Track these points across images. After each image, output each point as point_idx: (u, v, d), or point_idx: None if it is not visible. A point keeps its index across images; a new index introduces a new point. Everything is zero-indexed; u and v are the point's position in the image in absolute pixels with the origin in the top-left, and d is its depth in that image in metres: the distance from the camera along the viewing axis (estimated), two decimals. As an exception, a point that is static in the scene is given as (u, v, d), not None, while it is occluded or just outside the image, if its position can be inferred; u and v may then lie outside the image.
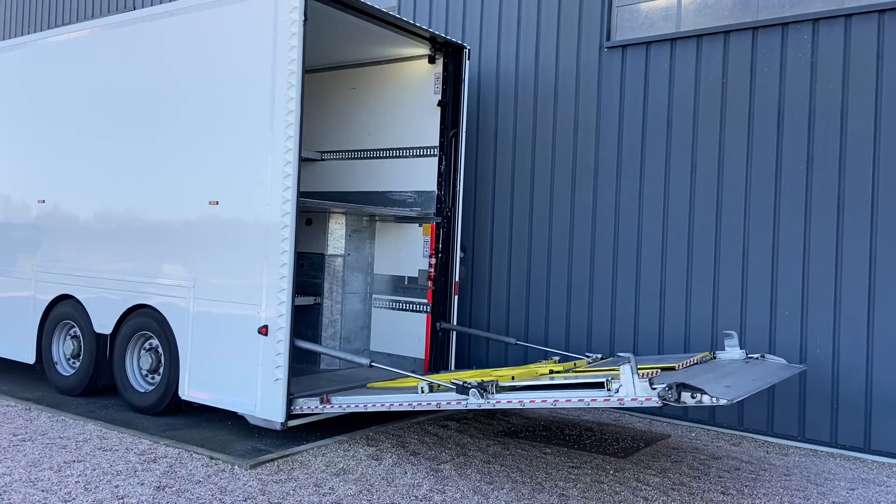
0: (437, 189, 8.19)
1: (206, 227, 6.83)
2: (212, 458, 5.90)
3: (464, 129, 8.21)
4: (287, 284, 6.23)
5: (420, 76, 8.36)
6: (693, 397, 4.64)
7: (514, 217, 9.10)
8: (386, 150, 8.65)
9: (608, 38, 8.52)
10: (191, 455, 5.95)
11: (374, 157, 8.76)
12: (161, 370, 7.18)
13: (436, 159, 8.21)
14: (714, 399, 4.60)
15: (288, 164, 6.23)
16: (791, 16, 7.39)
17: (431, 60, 8.21)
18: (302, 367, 7.82)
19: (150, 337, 7.32)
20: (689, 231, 7.90)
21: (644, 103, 8.20)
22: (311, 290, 8.25)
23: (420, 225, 8.29)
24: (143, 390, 7.33)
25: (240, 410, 6.50)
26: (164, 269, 7.13)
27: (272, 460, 5.89)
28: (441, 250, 8.14)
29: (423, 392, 5.83)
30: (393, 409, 5.94)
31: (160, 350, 7.19)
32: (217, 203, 6.75)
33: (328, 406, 6.21)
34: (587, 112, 8.60)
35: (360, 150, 8.85)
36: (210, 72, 6.88)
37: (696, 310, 7.84)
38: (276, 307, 6.26)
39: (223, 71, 6.77)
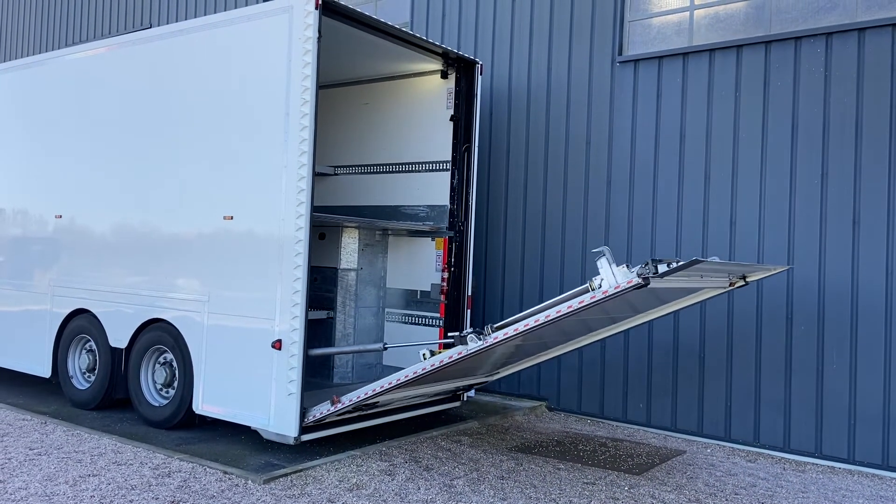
0: (450, 203, 8.20)
1: (221, 241, 6.87)
2: (225, 472, 5.91)
3: (476, 144, 8.24)
4: (300, 299, 6.25)
5: (432, 91, 8.40)
6: (668, 265, 4.87)
7: (527, 231, 9.10)
8: (399, 164, 8.69)
9: (620, 53, 8.54)
10: (205, 469, 5.96)
11: (386, 172, 8.79)
12: (175, 384, 7.22)
13: (448, 174, 8.23)
14: (686, 259, 4.84)
15: (302, 179, 6.27)
16: (804, 30, 7.39)
17: (444, 75, 8.25)
18: (315, 381, 7.82)
19: (165, 351, 7.36)
20: (702, 244, 7.88)
21: (657, 117, 8.21)
22: (324, 304, 8.28)
23: (433, 239, 8.30)
24: (157, 404, 7.36)
25: (253, 425, 6.52)
26: (178, 283, 7.17)
27: (285, 475, 5.89)
28: (453, 264, 8.15)
29: (424, 358, 5.92)
30: (401, 383, 5.99)
31: (174, 364, 7.23)
32: (231, 218, 6.79)
33: (339, 405, 6.23)
34: (599, 126, 8.61)
35: (373, 165, 8.90)
36: (225, 88, 6.95)
37: (710, 319, 7.80)
38: (290, 321, 6.28)
39: (238, 87, 6.84)
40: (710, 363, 7.77)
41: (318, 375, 8.04)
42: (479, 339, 5.60)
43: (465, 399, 8.17)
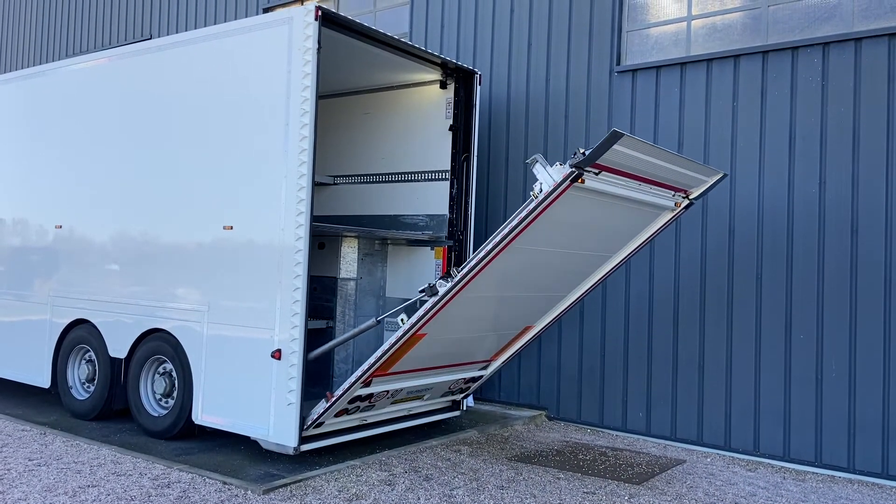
0: (449, 212, 8.22)
1: (221, 251, 6.89)
2: (225, 483, 5.90)
3: (475, 153, 8.26)
4: (300, 308, 6.26)
5: (432, 101, 8.43)
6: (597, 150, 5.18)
7: (526, 240, 9.11)
8: (398, 174, 8.71)
9: (618, 63, 8.58)
10: (204, 480, 5.95)
11: (386, 182, 8.82)
12: (175, 394, 7.21)
13: (447, 183, 8.25)
14: (612, 140, 5.12)
15: (301, 189, 6.29)
16: (801, 40, 7.43)
17: (443, 86, 8.29)
18: (315, 391, 7.81)
19: (165, 361, 7.36)
20: (701, 253, 7.89)
21: (655, 127, 8.24)
22: (323, 313, 8.28)
23: (432, 248, 8.31)
24: (156, 414, 7.35)
25: (253, 435, 6.51)
26: (178, 293, 7.18)
27: (285, 485, 5.88)
28: (453, 274, 8.15)
29: (403, 322, 6.01)
30: (388, 354, 6.05)
31: (174, 374, 7.23)
32: (231, 228, 6.81)
33: (333, 399, 6.26)
34: (598, 136, 8.63)
35: (373, 175, 8.92)
36: (225, 99, 6.97)
37: (710, 326, 7.81)
38: (290, 331, 6.29)
39: (238, 98, 6.87)
40: (709, 372, 7.77)
41: (318, 385, 8.02)
42: (448, 281, 5.76)
43: (464, 408, 8.17)
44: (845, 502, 6.22)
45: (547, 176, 5.38)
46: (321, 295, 8.31)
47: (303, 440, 6.32)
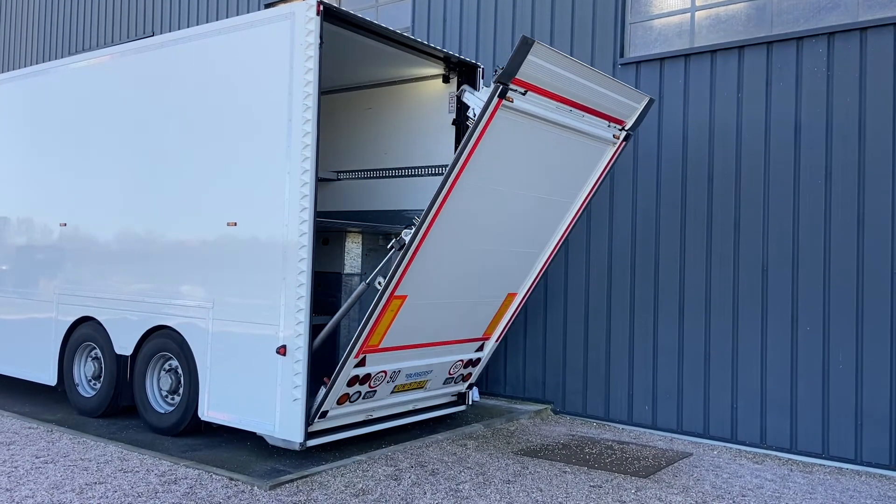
0: (453, 207, 8.20)
1: (225, 248, 6.89)
2: (231, 479, 5.91)
3: (479, 148, 8.23)
4: (305, 304, 6.26)
5: (435, 95, 8.41)
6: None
7: (531, 234, 9.09)
8: (401, 168, 8.70)
9: (622, 55, 8.54)
10: (211, 476, 5.96)
11: (389, 177, 8.80)
12: (181, 391, 7.23)
13: (451, 178, 8.23)
14: (525, 48, 5.36)
15: (305, 185, 6.29)
16: (806, 30, 7.38)
17: (446, 80, 8.26)
18: (319, 387, 7.82)
19: (170, 358, 7.37)
20: (707, 249, 7.87)
21: (659, 119, 8.20)
22: (328, 309, 8.27)
23: (436, 243, 8.30)
24: (163, 411, 7.37)
25: (259, 431, 6.52)
26: (183, 290, 7.19)
27: (291, 481, 5.89)
28: (457, 268, 8.14)
29: (381, 285, 6.12)
30: (374, 319, 6.14)
31: (180, 371, 7.24)
32: (235, 224, 6.81)
33: (331, 381, 6.30)
34: (602, 128, 8.60)
35: (376, 170, 8.91)
36: (227, 95, 6.96)
37: (715, 321, 7.79)
38: (294, 327, 6.29)
39: (240, 94, 6.86)
40: (715, 365, 7.76)
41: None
42: (412, 229, 5.95)
43: (469, 402, 8.17)
44: (853, 494, 6.21)
45: (476, 99, 5.59)
46: (325, 291, 8.31)
47: (309, 435, 6.33)
